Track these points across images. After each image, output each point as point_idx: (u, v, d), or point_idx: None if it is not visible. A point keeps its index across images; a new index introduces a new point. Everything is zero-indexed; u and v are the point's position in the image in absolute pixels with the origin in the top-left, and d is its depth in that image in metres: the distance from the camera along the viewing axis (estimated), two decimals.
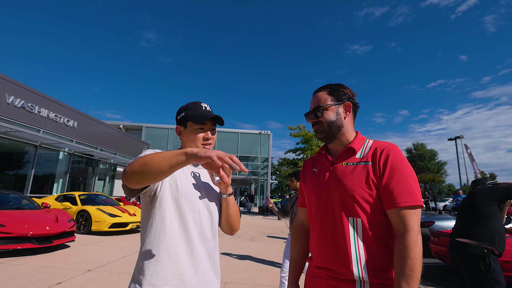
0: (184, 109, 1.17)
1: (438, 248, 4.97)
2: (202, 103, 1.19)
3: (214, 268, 1.11)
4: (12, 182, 10.32)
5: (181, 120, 1.17)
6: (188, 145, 1.16)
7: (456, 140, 21.06)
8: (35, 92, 10.20)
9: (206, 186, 1.17)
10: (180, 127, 1.19)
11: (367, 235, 0.98)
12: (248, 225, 11.53)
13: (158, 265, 0.99)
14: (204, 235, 1.09)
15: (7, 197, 6.42)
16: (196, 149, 0.86)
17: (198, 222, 1.07)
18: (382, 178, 0.99)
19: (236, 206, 1.21)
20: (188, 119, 1.14)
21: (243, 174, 24.86)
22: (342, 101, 1.14)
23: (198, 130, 1.14)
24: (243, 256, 5.76)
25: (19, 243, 4.97)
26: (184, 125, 1.16)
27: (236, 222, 1.21)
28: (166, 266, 0.99)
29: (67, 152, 12.32)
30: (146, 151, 1.04)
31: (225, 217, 1.18)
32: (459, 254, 2.49)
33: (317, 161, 1.22)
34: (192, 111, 1.15)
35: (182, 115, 1.17)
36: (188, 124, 1.15)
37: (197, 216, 1.07)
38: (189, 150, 0.86)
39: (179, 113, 1.19)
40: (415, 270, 0.87)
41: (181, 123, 1.18)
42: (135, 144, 18.66)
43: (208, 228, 1.10)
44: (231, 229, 1.21)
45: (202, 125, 1.14)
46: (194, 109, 1.15)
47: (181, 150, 0.88)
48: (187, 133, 1.16)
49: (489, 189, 2.60)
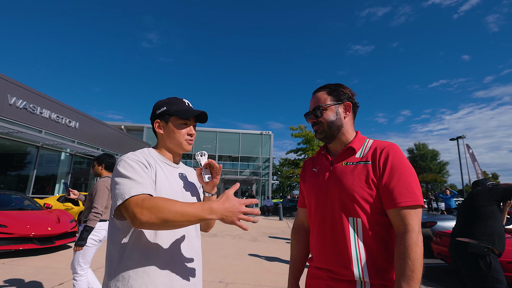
0: (165, 104, 1.13)
1: (440, 249, 4.95)
2: (184, 99, 1.16)
3: (199, 267, 1.11)
4: (14, 183, 10.36)
5: (161, 114, 1.12)
6: (168, 141, 1.12)
7: (457, 140, 20.96)
8: (37, 93, 10.24)
9: (191, 189, 1.16)
10: (160, 122, 1.13)
11: (367, 235, 0.97)
12: (249, 226, 11.51)
13: (146, 276, 0.92)
14: (190, 236, 1.08)
15: (9, 198, 6.45)
16: (217, 214, 0.85)
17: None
18: (382, 178, 0.98)
19: None
20: (171, 113, 1.10)
21: (244, 174, 24.86)
22: (342, 101, 1.13)
23: (182, 126, 1.11)
24: (245, 257, 5.75)
25: (21, 243, 4.99)
26: (166, 120, 1.12)
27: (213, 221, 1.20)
28: (154, 275, 0.93)
29: (68, 153, 12.37)
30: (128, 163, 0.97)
31: None
32: (460, 253, 2.49)
33: (317, 161, 1.22)
34: (175, 106, 1.12)
35: (163, 109, 1.12)
36: (171, 119, 1.11)
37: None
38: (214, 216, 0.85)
39: (158, 107, 1.14)
40: (415, 270, 0.86)
41: (161, 117, 1.12)
42: (137, 144, 18.70)
43: (192, 229, 1.10)
44: (208, 227, 1.26)
45: (186, 121, 1.12)
46: (178, 105, 1.12)
47: (206, 213, 0.85)
48: (169, 128, 1.11)
49: (489, 189, 2.62)
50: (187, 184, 1.17)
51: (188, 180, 1.18)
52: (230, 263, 5.20)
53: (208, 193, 1.15)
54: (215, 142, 25.15)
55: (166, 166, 1.11)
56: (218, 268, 4.74)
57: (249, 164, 26.32)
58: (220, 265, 4.98)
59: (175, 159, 1.17)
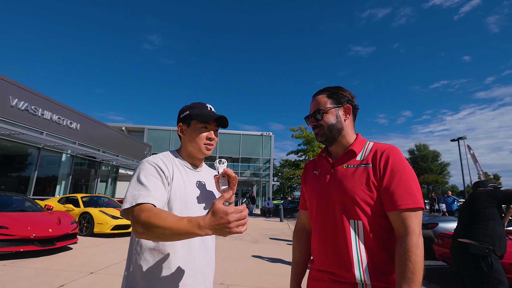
0: (189, 108, 1.16)
1: (442, 250, 4.93)
2: (207, 104, 1.18)
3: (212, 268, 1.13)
4: (15, 184, 10.38)
5: (184, 118, 1.16)
6: (189, 145, 1.15)
7: (458, 141, 20.94)
8: (39, 95, 10.28)
9: (208, 195, 1.17)
10: (182, 126, 1.17)
11: (368, 237, 0.98)
12: (250, 227, 11.51)
13: (157, 281, 0.96)
14: (207, 243, 1.10)
15: (10, 199, 6.46)
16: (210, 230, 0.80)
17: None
18: (383, 180, 0.98)
19: None
20: (192, 117, 1.13)
21: (245, 176, 24.85)
22: (342, 103, 1.14)
23: (202, 129, 1.13)
24: (246, 259, 5.74)
25: (22, 245, 5.00)
26: (188, 124, 1.15)
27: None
28: (166, 280, 0.97)
29: (69, 154, 12.39)
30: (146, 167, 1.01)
31: None
32: (461, 254, 2.50)
33: (318, 164, 1.22)
34: (197, 110, 1.14)
35: (186, 113, 1.15)
36: (192, 122, 1.14)
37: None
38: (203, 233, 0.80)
39: (182, 111, 1.18)
40: (416, 273, 0.87)
41: (184, 121, 1.16)
42: (137, 146, 18.73)
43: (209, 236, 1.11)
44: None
45: (206, 124, 1.13)
46: (200, 109, 1.15)
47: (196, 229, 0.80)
48: (190, 132, 1.14)
49: (489, 191, 2.61)
50: (205, 190, 1.17)
51: (206, 186, 1.19)
52: (231, 264, 5.19)
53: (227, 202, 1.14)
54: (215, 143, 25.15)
55: (185, 170, 1.13)
56: (219, 270, 4.74)
57: (250, 165, 26.32)
58: (221, 266, 4.97)
59: (196, 163, 1.19)
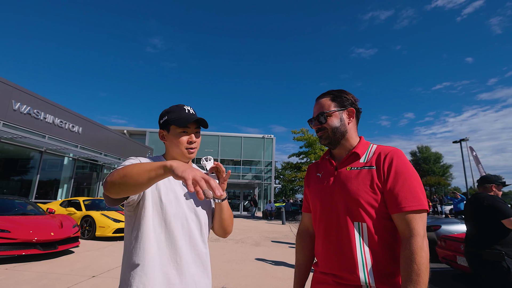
0: (167, 113, 1.13)
1: (445, 253, 4.89)
2: (185, 106, 1.15)
3: (206, 273, 1.10)
4: (18, 188, 10.42)
5: (163, 124, 1.13)
6: (171, 150, 1.13)
7: (461, 143, 20.85)
8: (41, 99, 10.34)
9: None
10: (163, 132, 1.15)
11: (373, 240, 0.97)
12: (252, 230, 11.47)
13: (144, 276, 0.96)
14: (194, 241, 1.07)
15: (12, 203, 6.47)
16: (175, 163, 0.78)
17: (186, 228, 1.05)
18: (387, 183, 0.98)
19: (229, 209, 1.20)
20: (170, 122, 1.10)
21: (247, 178, 24.83)
22: (345, 107, 1.14)
23: (182, 134, 1.10)
24: (248, 262, 5.72)
25: (24, 249, 5.00)
26: (167, 129, 1.12)
27: (229, 225, 1.20)
28: (152, 277, 0.96)
29: (71, 158, 12.43)
30: (129, 159, 1.01)
31: (218, 221, 1.17)
32: (476, 260, 2.48)
33: (321, 166, 1.22)
34: (175, 114, 1.11)
35: (164, 119, 1.13)
36: (171, 128, 1.11)
37: (184, 222, 1.05)
38: (168, 164, 0.79)
39: (161, 117, 1.15)
40: (421, 275, 0.86)
41: (164, 127, 1.14)
42: (139, 149, 18.76)
43: (197, 234, 1.08)
44: (225, 232, 1.21)
45: (185, 128, 1.10)
46: (177, 112, 1.11)
47: (161, 163, 0.81)
48: (171, 137, 1.11)
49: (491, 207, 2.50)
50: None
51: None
52: (233, 267, 5.17)
53: (217, 199, 1.13)
54: (217, 146, 25.17)
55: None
56: (221, 273, 4.72)
57: (251, 168, 26.29)
58: (223, 270, 4.95)
59: None
